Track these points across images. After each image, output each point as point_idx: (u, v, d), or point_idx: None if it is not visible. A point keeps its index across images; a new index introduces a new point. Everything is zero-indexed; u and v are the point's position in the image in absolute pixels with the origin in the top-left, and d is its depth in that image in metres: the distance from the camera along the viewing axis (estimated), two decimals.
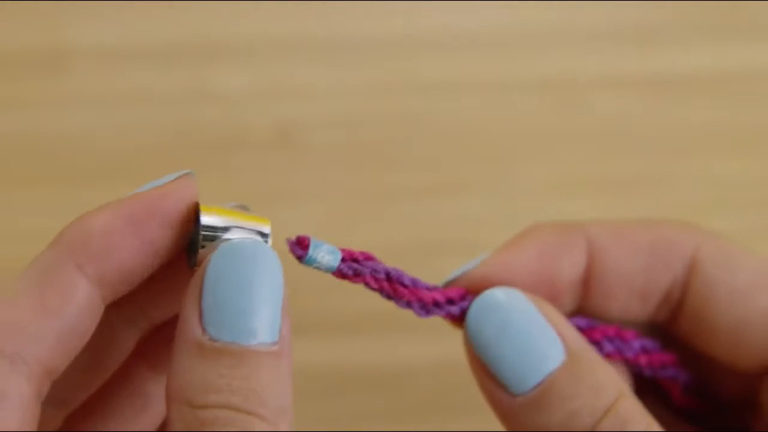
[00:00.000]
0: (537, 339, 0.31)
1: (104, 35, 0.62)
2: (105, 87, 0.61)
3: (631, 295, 0.35)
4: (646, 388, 0.36)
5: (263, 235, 0.31)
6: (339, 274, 0.31)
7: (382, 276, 0.32)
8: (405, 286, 0.32)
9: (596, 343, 0.33)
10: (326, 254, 0.30)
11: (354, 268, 0.31)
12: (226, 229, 0.30)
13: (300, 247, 0.30)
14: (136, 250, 0.31)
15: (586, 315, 0.35)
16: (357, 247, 0.33)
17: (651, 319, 0.36)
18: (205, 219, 0.30)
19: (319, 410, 0.55)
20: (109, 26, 0.62)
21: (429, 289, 0.33)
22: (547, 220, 0.34)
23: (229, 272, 0.29)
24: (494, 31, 0.63)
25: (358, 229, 0.57)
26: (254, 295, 0.29)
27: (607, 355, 0.34)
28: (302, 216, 0.58)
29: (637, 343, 0.34)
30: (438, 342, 0.55)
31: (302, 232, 0.56)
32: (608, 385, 0.31)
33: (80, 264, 0.31)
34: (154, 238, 0.31)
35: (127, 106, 0.61)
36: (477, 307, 0.32)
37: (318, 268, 0.30)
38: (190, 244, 0.31)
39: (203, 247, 0.30)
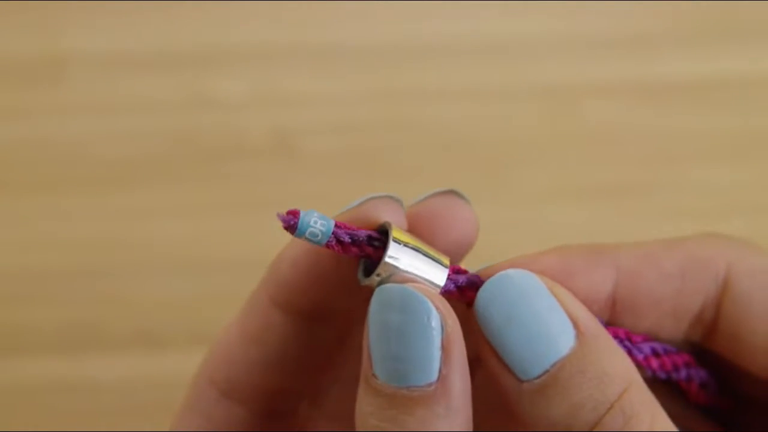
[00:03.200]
0: (547, 324, 0.29)
1: (102, 43, 0.62)
2: (103, 94, 0.61)
3: (661, 317, 0.33)
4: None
5: (443, 266, 0.30)
6: (336, 243, 0.29)
7: (363, 238, 0.30)
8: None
9: None
10: (319, 219, 0.29)
11: (351, 234, 0.30)
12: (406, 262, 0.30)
13: (289, 219, 0.29)
14: (320, 279, 0.32)
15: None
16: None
17: (685, 338, 0.34)
18: (393, 251, 0.29)
19: None
20: (107, 34, 0.63)
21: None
22: (544, 226, 0.34)
23: (380, 318, 0.29)
24: (491, 39, 0.63)
25: None
26: (402, 341, 0.29)
27: None
28: None
29: (647, 346, 0.34)
30: None
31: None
32: (616, 375, 0.29)
33: (273, 296, 0.33)
34: (336, 266, 0.32)
35: (125, 113, 0.61)
36: (486, 289, 0.30)
37: (311, 239, 0.29)
38: (366, 259, 0.31)
39: (378, 275, 0.29)
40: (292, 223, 0.29)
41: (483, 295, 0.30)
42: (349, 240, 0.29)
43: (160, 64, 0.62)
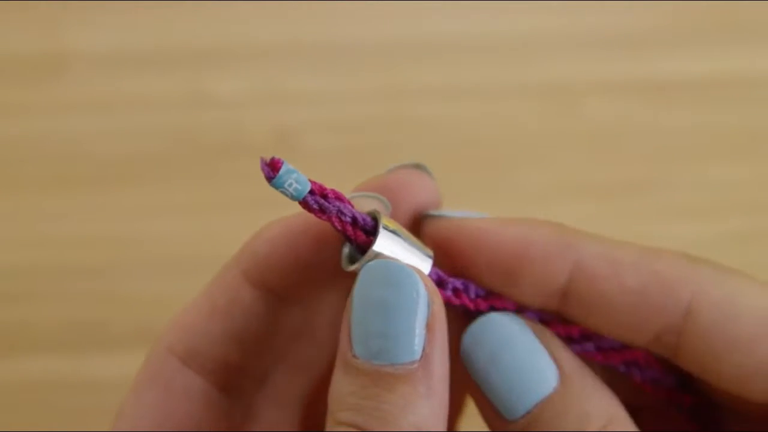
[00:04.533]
0: (529, 366, 0.30)
1: (102, 40, 0.62)
2: (103, 92, 0.61)
3: (615, 325, 0.33)
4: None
5: (428, 257, 0.31)
6: (304, 204, 0.29)
7: (348, 219, 0.30)
8: (368, 234, 0.30)
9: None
10: (295, 182, 0.29)
11: (320, 203, 0.30)
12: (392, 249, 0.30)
13: (271, 168, 0.29)
14: (296, 261, 0.33)
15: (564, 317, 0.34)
16: None
17: (647, 346, 0.34)
18: (381, 242, 0.30)
19: None
20: (107, 31, 0.63)
21: None
22: None
23: (367, 293, 0.29)
24: (492, 38, 0.63)
25: None
26: (389, 316, 0.29)
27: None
28: None
29: (590, 344, 0.33)
30: None
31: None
32: (596, 414, 0.30)
33: (245, 270, 0.34)
34: (314, 250, 0.33)
35: (125, 110, 0.61)
36: (471, 331, 0.31)
37: (284, 193, 0.29)
38: (349, 245, 0.31)
39: (364, 262, 0.30)
40: (269, 175, 0.29)
41: (468, 336, 0.31)
42: (317, 208, 0.30)
43: (160, 62, 0.62)
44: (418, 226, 0.33)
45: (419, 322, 0.29)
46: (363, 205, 0.32)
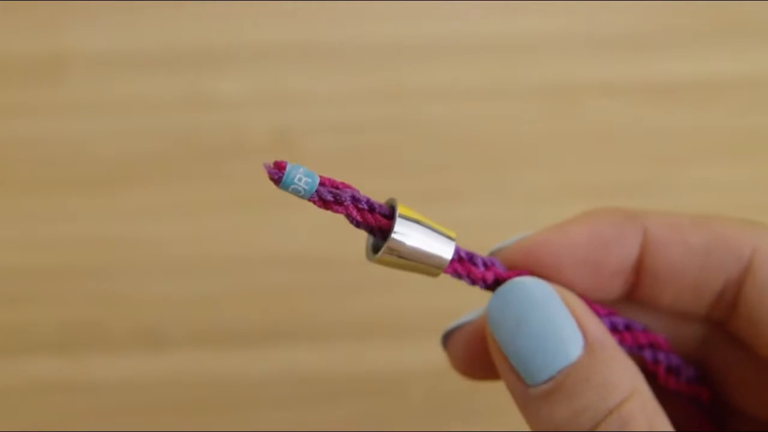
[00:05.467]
0: (557, 331, 0.30)
1: (102, 42, 0.62)
2: (103, 93, 0.61)
3: (682, 291, 0.34)
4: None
5: (450, 240, 0.31)
6: (318, 197, 0.29)
7: (364, 206, 0.30)
8: (387, 218, 0.30)
9: None
10: (303, 176, 0.28)
11: (334, 193, 0.29)
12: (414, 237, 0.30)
13: (277, 168, 0.28)
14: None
15: (636, 302, 0.35)
16: (355, 252, 0.32)
17: (708, 315, 0.35)
18: (400, 229, 0.30)
19: (312, 416, 0.55)
20: (107, 33, 0.63)
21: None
22: (544, 225, 0.34)
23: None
24: (492, 38, 0.63)
25: (356, 234, 0.57)
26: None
27: None
28: (300, 221, 0.58)
29: (606, 320, 0.34)
30: (435, 348, 0.55)
31: (300, 238, 0.56)
32: (619, 383, 0.30)
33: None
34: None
35: (125, 112, 0.61)
36: (498, 295, 0.31)
37: (296, 190, 0.28)
38: (374, 234, 0.31)
39: (387, 251, 0.30)
40: (276, 177, 0.28)
41: (495, 300, 0.31)
42: (332, 198, 0.29)
43: (161, 64, 0.62)
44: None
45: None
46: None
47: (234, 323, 0.56)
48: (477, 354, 0.34)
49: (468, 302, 0.56)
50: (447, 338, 0.35)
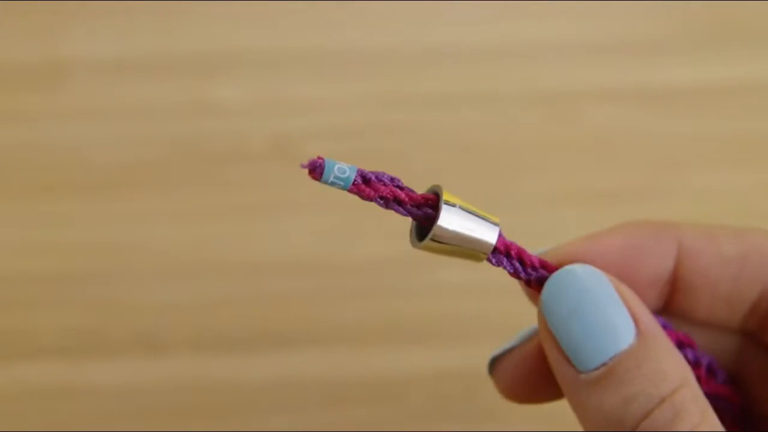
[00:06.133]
0: (610, 319, 0.30)
1: (101, 48, 0.62)
2: (102, 100, 0.61)
3: (717, 302, 0.34)
4: None
5: (494, 224, 0.31)
6: (362, 181, 0.30)
7: (409, 190, 0.31)
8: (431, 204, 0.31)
9: None
10: (341, 165, 0.29)
11: (377, 174, 0.30)
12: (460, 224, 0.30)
13: (312, 164, 0.29)
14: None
15: (671, 315, 0.35)
16: (354, 258, 0.32)
17: (742, 326, 0.35)
18: (445, 216, 0.30)
19: (311, 421, 0.55)
20: (107, 39, 0.63)
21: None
22: (545, 232, 0.34)
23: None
24: (491, 45, 0.63)
25: (355, 240, 0.58)
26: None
27: None
28: (300, 227, 0.58)
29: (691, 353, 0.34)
30: (434, 352, 0.55)
31: (299, 243, 0.56)
32: (671, 373, 0.30)
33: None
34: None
35: (124, 118, 0.61)
36: (553, 281, 0.31)
37: (338, 178, 0.29)
38: (419, 221, 0.31)
39: (432, 238, 0.30)
40: (317, 165, 0.29)
41: (550, 286, 0.31)
42: (375, 178, 0.30)
43: (160, 70, 0.62)
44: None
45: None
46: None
47: (233, 328, 0.56)
48: (525, 378, 0.34)
49: (468, 308, 0.56)
50: (493, 364, 0.35)
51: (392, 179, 0.30)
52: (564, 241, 0.34)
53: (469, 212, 0.30)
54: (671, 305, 0.35)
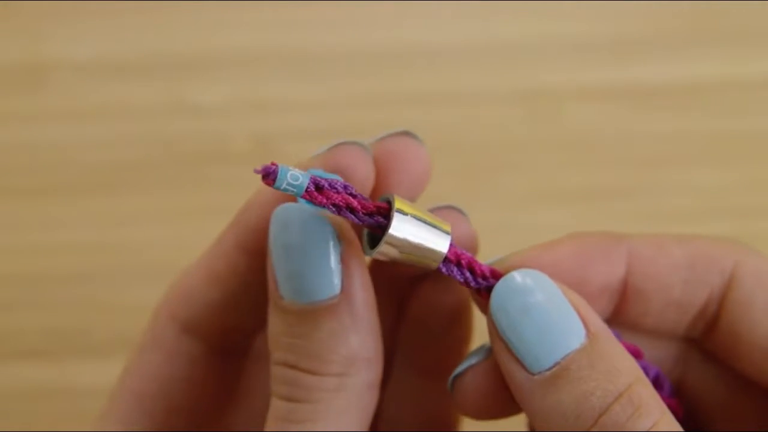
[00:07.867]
0: (559, 320, 0.30)
1: (82, 49, 0.62)
2: (83, 100, 0.61)
3: (667, 308, 0.34)
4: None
5: (445, 233, 0.31)
6: (315, 189, 0.30)
7: (361, 198, 0.30)
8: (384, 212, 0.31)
9: None
10: (294, 172, 0.29)
11: (330, 181, 0.30)
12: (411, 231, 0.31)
13: (266, 169, 0.29)
14: None
15: (620, 324, 0.35)
16: None
17: (686, 333, 0.35)
18: (396, 225, 0.30)
19: None
20: (87, 40, 0.62)
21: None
22: (527, 230, 0.34)
23: (278, 238, 0.31)
24: (472, 43, 0.63)
25: None
26: (301, 257, 0.31)
27: None
28: None
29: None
30: None
31: None
32: (624, 370, 0.30)
33: (239, 238, 0.35)
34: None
35: (105, 119, 0.61)
36: (500, 287, 0.31)
37: (291, 185, 0.29)
38: (372, 229, 0.31)
39: (385, 244, 0.30)
40: (271, 171, 0.29)
41: (497, 292, 0.31)
42: (328, 186, 0.30)
43: (141, 70, 0.62)
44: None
45: (332, 259, 0.31)
46: (345, 154, 0.34)
47: None
48: (485, 393, 0.34)
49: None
50: (453, 383, 0.34)
51: (345, 186, 0.30)
52: (544, 240, 0.34)
53: (422, 221, 0.31)
54: (620, 314, 0.35)
